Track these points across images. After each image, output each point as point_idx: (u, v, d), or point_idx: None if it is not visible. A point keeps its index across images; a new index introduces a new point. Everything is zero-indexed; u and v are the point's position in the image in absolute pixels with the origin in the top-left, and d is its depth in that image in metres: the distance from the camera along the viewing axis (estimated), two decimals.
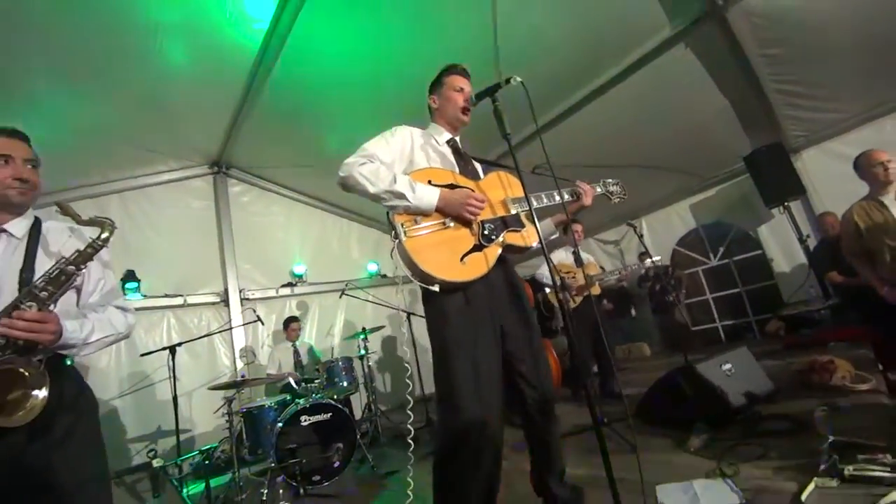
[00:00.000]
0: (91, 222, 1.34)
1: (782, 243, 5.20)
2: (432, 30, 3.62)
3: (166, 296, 4.99)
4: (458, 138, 1.89)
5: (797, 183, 4.60)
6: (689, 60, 3.81)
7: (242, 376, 3.91)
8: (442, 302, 1.53)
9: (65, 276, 1.25)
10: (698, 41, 3.65)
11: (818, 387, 2.73)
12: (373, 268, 6.74)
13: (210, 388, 3.80)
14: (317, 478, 3.19)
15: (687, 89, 4.08)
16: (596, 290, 4.38)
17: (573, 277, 4.01)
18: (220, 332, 4.91)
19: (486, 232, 1.61)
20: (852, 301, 3.73)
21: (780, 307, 5.09)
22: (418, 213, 1.55)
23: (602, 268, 5.13)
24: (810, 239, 4.61)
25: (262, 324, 4.36)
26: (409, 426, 1.67)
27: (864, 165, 2.54)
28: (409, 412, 1.70)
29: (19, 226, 1.36)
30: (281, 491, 2.70)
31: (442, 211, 1.56)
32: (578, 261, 3.93)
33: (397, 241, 1.52)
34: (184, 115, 4.50)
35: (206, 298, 5.36)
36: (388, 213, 1.59)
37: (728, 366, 2.78)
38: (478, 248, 1.58)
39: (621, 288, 6.53)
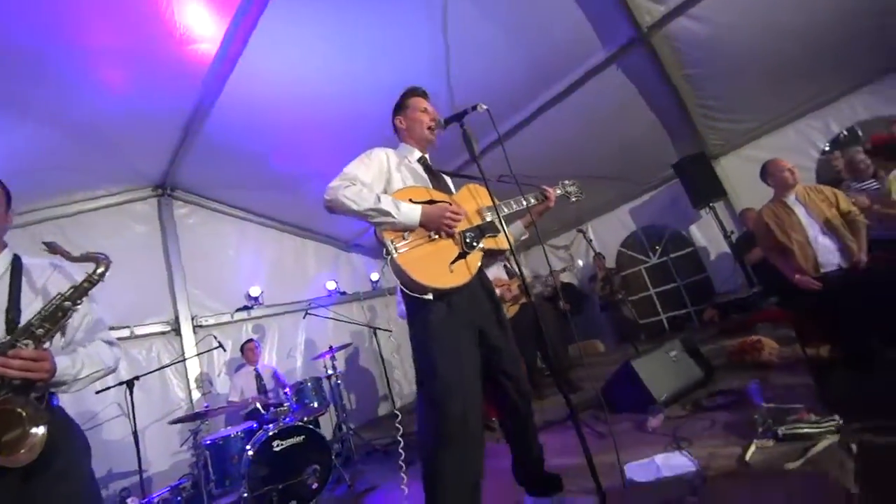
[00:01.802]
0: (85, 258, 1.34)
1: (710, 240, 5.79)
2: (381, 53, 3.75)
3: (111, 328, 4.67)
4: (427, 156, 2.02)
5: (719, 186, 5.18)
6: (620, 80, 4.22)
7: (206, 407, 3.76)
8: (429, 310, 1.64)
9: (61, 313, 1.24)
10: (628, 64, 4.06)
11: (750, 364, 3.08)
12: (332, 285, 6.67)
13: (171, 422, 3.64)
14: (292, 503, 3.14)
15: (620, 106, 4.50)
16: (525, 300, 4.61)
17: (508, 289, 4.19)
18: (178, 361, 4.69)
19: (467, 240, 1.75)
20: (772, 287, 4.26)
21: (713, 297, 5.65)
22: (404, 229, 1.65)
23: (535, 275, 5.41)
24: (734, 234, 5.18)
25: (225, 350, 4.21)
26: (399, 437, 1.75)
27: (773, 171, 2.93)
28: (398, 425, 1.78)
29: None
30: None
31: (425, 225, 1.69)
32: (511, 273, 4.17)
33: (389, 257, 1.61)
34: (125, 138, 4.30)
35: (155, 328, 5.07)
36: (375, 233, 1.69)
37: (674, 353, 3.11)
38: (462, 255, 1.72)
39: (573, 287, 6.92)
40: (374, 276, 7.28)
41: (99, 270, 1.32)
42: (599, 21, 3.70)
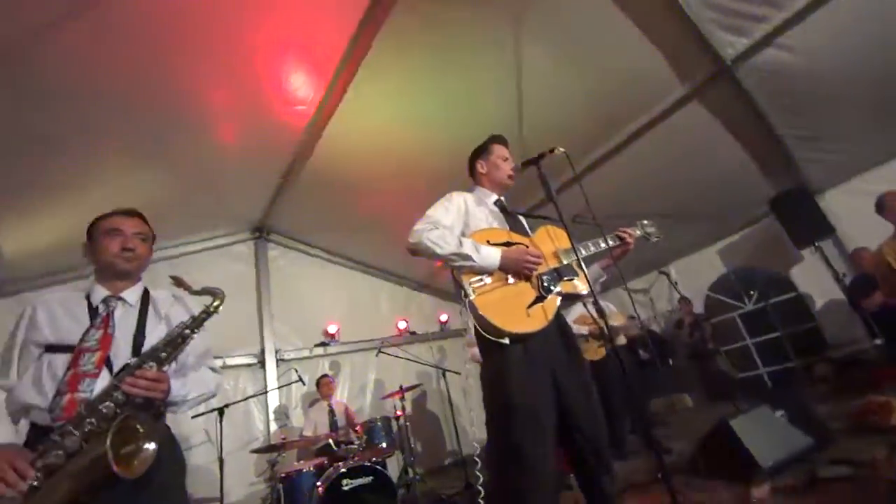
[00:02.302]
0: (205, 291, 1.49)
1: (817, 284, 5.12)
2: (458, 107, 3.99)
3: None
4: (503, 198, 2.05)
5: (825, 223, 4.62)
6: (703, 116, 4.03)
7: (283, 439, 3.91)
8: (504, 354, 1.60)
9: (181, 339, 1.38)
10: (711, 98, 3.89)
11: (876, 429, 2.60)
12: (402, 325, 6.80)
13: (253, 451, 3.82)
14: None
15: (704, 142, 4.27)
16: (621, 341, 4.34)
17: (597, 327, 3.96)
18: (262, 393, 4.96)
19: (545, 283, 1.72)
20: None
21: (824, 349, 4.91)
22: (483, 272, 1.67)
23: (631, 316, 5.08)
24: (846, 277, 4.54)
25: (304, 384, 4.40)
26: (478, 473, 1.67)
27: (892, 204, 2.58)
28: (478, 465, 1.70)
29: (133, 294, 1.52)
30: None
31: (504, 268, 1.69)
32: (600, 311, 3.95)
33: (467, 299, 1.63)
34: (231, 185, 4.87)
35: (242, 360, 5.46)
36: (454, 274, 1.72)
37: (781, 412, 2.72)
38: (539, 299, 1.69)
39: (654, 335, 6.40)
40: (444, 318, 7.32)
41: (216, 304, 1.46)
42: (678, 58, 3.63)
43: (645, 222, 2.18)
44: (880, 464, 1.83)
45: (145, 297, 1.54)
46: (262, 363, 5.56)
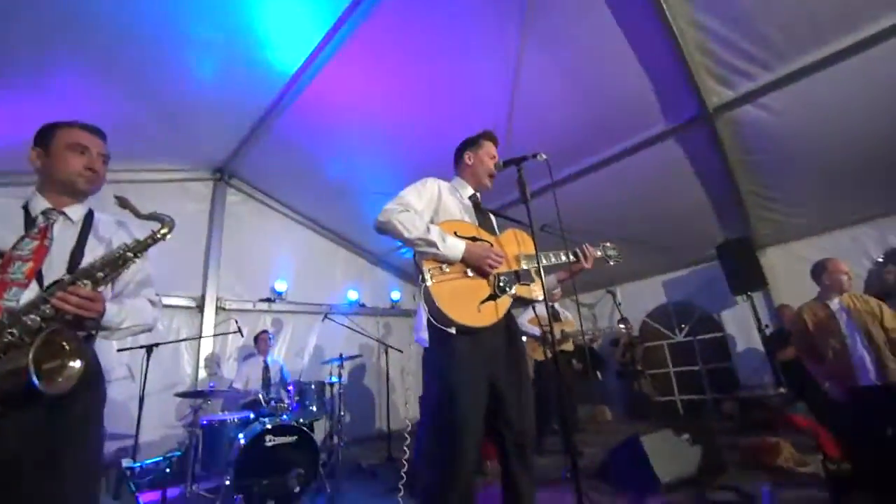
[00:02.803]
0: (152, 217, 1.42)
1: (742, 329, 5.58)
2: (454, 93, 3.97)
3: None
4: (478, 194, 2.09)
5: (761, 276, 5.04)
6: (677, 153, 4.25)
7: (211, 386, 3.83)
8: (453, 343, 1.66)
9: (122, 262, 1.33)
10: (687, 139, 4.10)
11: (764, 466, 2.91)
12: (353, 295, 6.77)
13: (177, 394, 3.72)
14: (271, 502, 3.10)
15: (672, 178, 4.51)
16: (569, 347, 4.57)
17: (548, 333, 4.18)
18: (196, 338, 4.81)
19: (501, 283, 1.77)
20: (800, 391, 4.06)
21: (736, 388, 5.38)
22: (445, 261, 1.71)
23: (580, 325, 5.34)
24: (768, 328, 4.98)
25: (242, 335, 4.31)
26: (405, 448, 1.73)
27: (832, 270, 2.81)
28: (406, 441, 1.76)
29: (77, 211, 1.45)
30: None
31: (465, 262, 1.73)
32: (556, 316, 4.14)
33: (424, 284, 1.66)
34: (200, 122, 4.64)
35: (181, 301, 5.26)
36: (414, 257, 1.75)
37: (686, 436, 2.98)
38: (492, 297, 1.75)
39: (591, 350, 6.74)
40: (395, 295, 7.35)
41: (163, 231, 1.40)
42: (665, 94, 3.78)
43: (608, 244, 2.27)
44: (761, 495, 2.07)
45: (89, 216, 1.47)
46: (200, 308, 5.38)
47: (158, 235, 1.40)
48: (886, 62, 3.20)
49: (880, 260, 4.62)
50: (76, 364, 1.19)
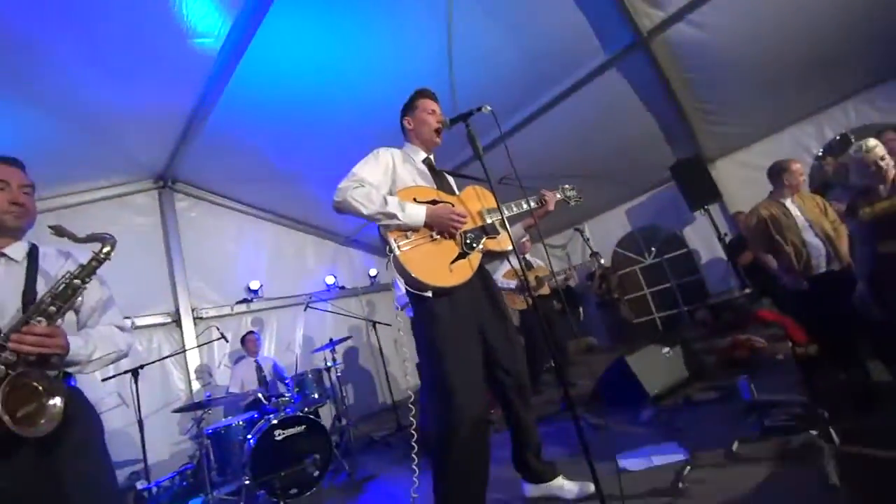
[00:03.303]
0: (90, 238, 1.37)
1: (704, 241, 5.90)
2: (385, 53, 3.82)
3: None
4: (432, 156, 2.09)
5: (714, 189, 5.27)
6: (620, 83, 4.29)
7: (207, 396, 3.82)
8: (431, 306, 1.71)
9: (71, 290, 1.29)
10: (627, 67, 4.13)
11: (740, 362, 3.19)
12: (331, 280, 6.73)
13: (174, 410, 3.70)
14: (294, 490, 3.21)
15: (619, 108, 4.57)
16: (545, 291, 4.74)
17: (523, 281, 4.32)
18: (179, 352, 4.73)
19: (468, 241, 1.82)
20: (763, 289, 4.37)
21: (706, 298, 5.76)
22: (408, 230, 1.72)
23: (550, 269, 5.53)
24: (727, 236, 5.28)
25: (227, 341, 4.26)
26: (411, 418, 1.80)
27: (791, 171, 2.95)
28: (410, 405, 1.83)
29: (18, 250, 1.39)
30: None
31: (429, 226, 1.76)
32: (528, 265, 4.28)
33: (392, 254, 1.68)
34: (127, 130, 4.37)
35: (155, 319, 5.13)
36: (379, 230, 1.76)
37: (667, 350, 3.21)
38: (462, 255, 1.79)
39: (568, 288, 6.99)
40: (373, 272, 7.35)
41: (105, 249, 1.37)
42: (600, 25, 3.77)
43: (566, 186, 2.33)
44: (739, 387, 2.28)
45: (33, 252, 1.41)
46: (177, 322, 5.26)
47: (102, 255, 1.36)
48: None
49: (819, 153, 4.90)
50: (55, 401, 1.18)
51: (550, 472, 1.96)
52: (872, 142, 2.20)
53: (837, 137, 4.79)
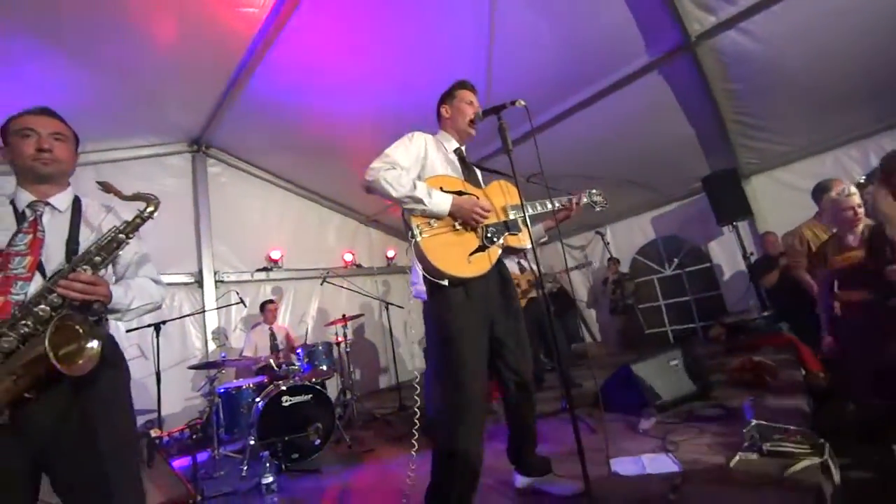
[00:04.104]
0: (136, 197, 1.45)
1: (728, 258, 5.75)
2: (432, 42, 3.82)
3: None
4: (464, 148, 2.10)
5: (746, 205, 5.12)
6: (661, 87, 4.18)
7: (223, 357, 3.98)
8: (447, 295, 1.75)
9: (116, 244, 1.36)
10: (670, 71, 4.02)
11: (748, 384, 3.14)
12: (349, 257, 6.85)
13: (190, 367, 3.87)
14: (295, 455, 3.33)
15: (658, 112, 4.46)
16: (533, 294, 4.71)
17: (517, 285, 4.28)
18: (199, 312, 4.92)
19: (489, 235, 1.84)
20: (783, 312, 4.27)
21: (723, 315, 5.64)
22: (432, 217, 1.76)
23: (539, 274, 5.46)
24: (753, 255, 5.15)
25: (246, 306, 4.41)
26: (416, 397, 1.86)
27: (828, 190, 2.85)
28: (416, 385, 1.89)
29: (63, 200, 1.45)
30: (267, 464, 2.84)
31: (453, 215, 1.79)
32: (522, 269, 4.27)
33: (414, 240, 1.72)
34: (168, 92, 4.50)
35: (179, 279, 5.32)
36: (403, 214, 1.79)
37: (675, 362, 3.19)
38: (482, 248, 1.82)
39: (560, 293, 6.84)
40: (391, 253, 7.45)
41: (149, 209, 1.43)
42: (646, 24, 3.66)
43: (593, 191, 2.31)
44: (744, 408, 2.27)
45: (76, 204, 1.48)
46: (199, 283, 5.46)
47: (146, 214, 1.43)
48: None
49: (862, 181, 4.70)
50: (93, 344, 1.26)
51: (544, 466, 2.00)
52: (854, 188, 2.35)
53: (882, 165, 4.59)
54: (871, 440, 2.11)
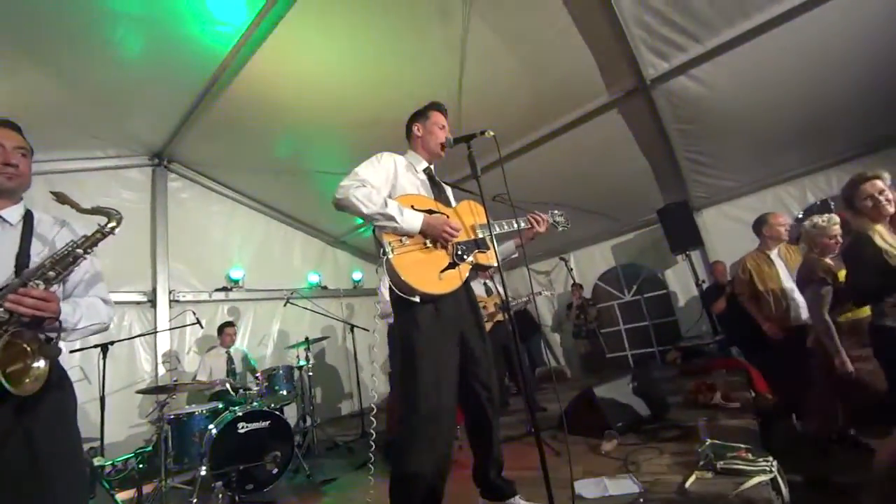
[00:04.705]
0: (96, 211, 1.41)
1: (682, 285, 6.08)
2: (404, 72, 3.93)
3: None
4: (433, 166, 2.16)
5: (697, 235, 5.48)
6: (619, 124, 4.47)
7: (175, 381, 3.75)
8: (416, 311, 1.76)
9: (72, 259, 1.32)
10: (628, 110, 4.32)
11: (702, 405, 3.28)
12: (314, 279, 6.71)
13: (139, 391, 3.63)
14: (250, 486, 3.16)
15: (616, 147, 4.76)
16: (500, 317, 4.79)
17: (484, 307, 4.35)
18: (151, 333, 4.65)
19: (459, 252, 1.88)
20: (733, 337, 4.52)
21: (678, 339, 5.90)
22: (404, 234, 1.78)
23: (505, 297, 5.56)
24: (704, 283, 5.46)
25: (202, 327, 4.22)
26: (371, 425, 1.83)
27: (773, 223, 3.13)
28: (374, 405, 1.86)
29: (13, 213, 1.40)
30: (220, 496, 2.68)
31: (424, 233, 1.82)
32: (488, 292, 4.35)
33: (385, 257, 1.73)
34: (132, 104, 4.37)
35: (130, 297, 5.04)
36: (374, 232, 1.81)
37: (633, 385, 3.30)
38: (452, 265, 1.85)
39: (521, 314, 6.90)
40: (357, 276, 7.36)
41: (111, 224, 1.40)
42: (607, 67, 3.94)
43: (556, 212, 2.41)
44: (698, 429, 2.37)
45: (28, 217, 1.42)
46: (152, 302, 5.18)
47: (107, 229, 1.39)
48: (805, 33, 3.44)
49: (800, 216, 5.13)
50: (41, 364, 1.20)
51: (509, 490, 1.99)
52: (836, 218, 2.53)
53: (818, 202, 5.03)
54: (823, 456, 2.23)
